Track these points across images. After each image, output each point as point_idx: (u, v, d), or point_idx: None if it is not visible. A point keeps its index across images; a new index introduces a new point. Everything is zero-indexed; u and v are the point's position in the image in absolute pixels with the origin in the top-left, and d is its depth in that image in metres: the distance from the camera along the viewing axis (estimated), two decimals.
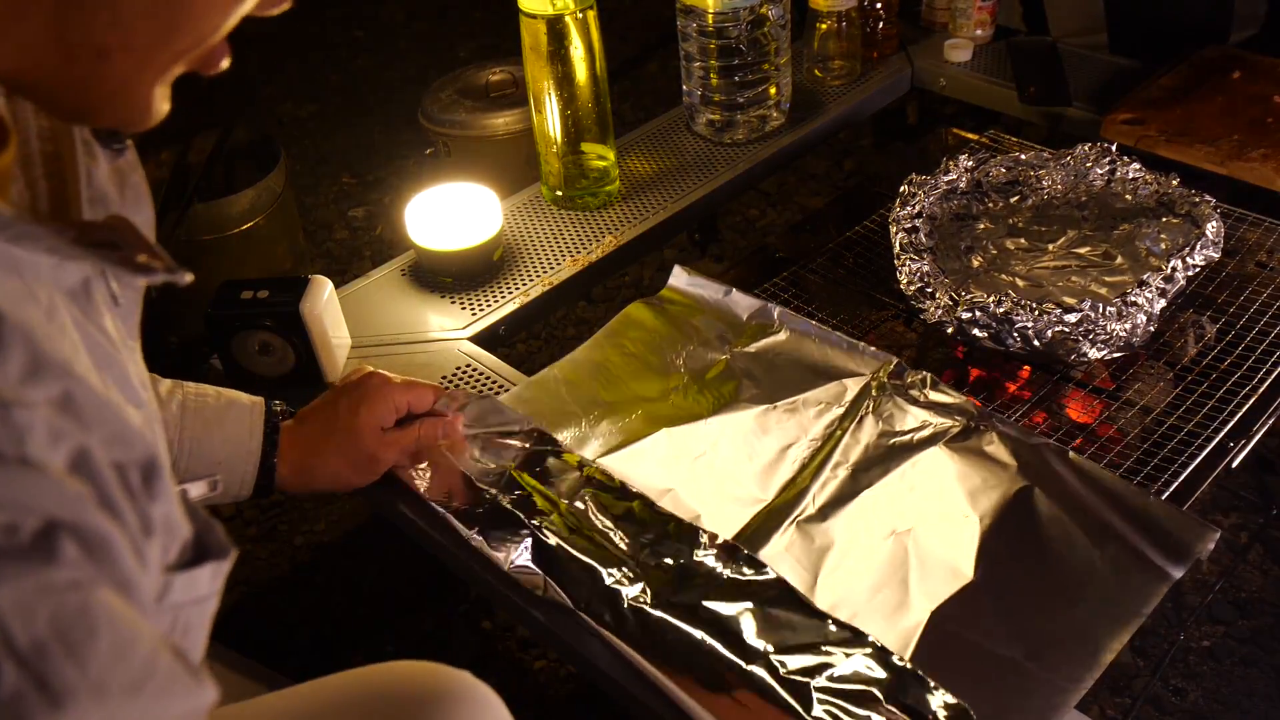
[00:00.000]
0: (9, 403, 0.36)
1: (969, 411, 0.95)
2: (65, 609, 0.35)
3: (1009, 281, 1.13)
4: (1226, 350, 1.03)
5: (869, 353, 1.02)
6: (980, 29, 1.55)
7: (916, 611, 0.80)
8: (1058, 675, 0.75)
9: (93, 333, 0.46)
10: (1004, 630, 0.79)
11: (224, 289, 1.03)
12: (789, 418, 0.98)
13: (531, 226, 1.27)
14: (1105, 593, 0.81)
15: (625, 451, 0.95)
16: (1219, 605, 1.32)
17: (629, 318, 1.11)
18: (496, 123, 1.73)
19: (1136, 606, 0.79)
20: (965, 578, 0.82)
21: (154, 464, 0.43)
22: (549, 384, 1.03)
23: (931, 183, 1.17)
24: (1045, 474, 0.89)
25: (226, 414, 0.84)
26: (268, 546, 1.51)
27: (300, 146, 2.43)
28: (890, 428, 0.95)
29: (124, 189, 0.53)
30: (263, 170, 1.75)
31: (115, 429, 0.41)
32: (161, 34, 0.41)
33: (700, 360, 1.05)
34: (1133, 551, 0.83)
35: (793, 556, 0.85)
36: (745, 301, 1.10)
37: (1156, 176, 1.17)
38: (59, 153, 0.50)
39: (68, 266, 0.44)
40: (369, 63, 2.77)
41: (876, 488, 0.90)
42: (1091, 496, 0.87)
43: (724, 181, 1.33)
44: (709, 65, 1.33)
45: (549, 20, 1.15)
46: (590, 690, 1.28)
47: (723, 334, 1.08)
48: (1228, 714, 1.22)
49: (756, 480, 0.92)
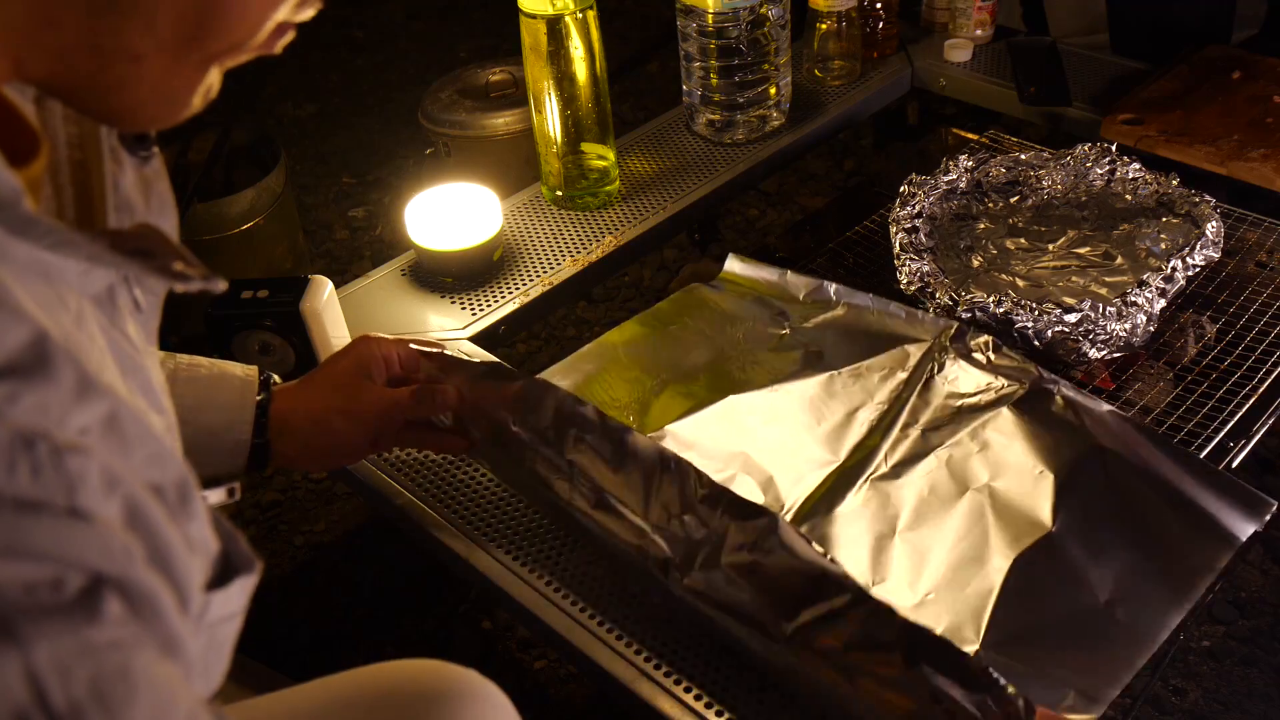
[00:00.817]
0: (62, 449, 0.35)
1: (1032, 374, 0.96)
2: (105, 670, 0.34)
3: (1009, 281, 1.13)
4: (1226, 350, 1.03)
5: (928, 320, 1.03)
6: (980, 29, 1.55)
7: (998, 561, 0.81)
8: (1139, 621, 0.77)
9: (118, 339, 0.45)
10: (1084, 578, 0.80)
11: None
12: (854, 383, 0.99)
13: (531, 226, 1.27)
14: (1179, 545, 0.83)
15: (694, 417, 0.95)
16: (1219, 605, 1.32)
17: (687, 297, 1.12)
18: (496, 123, 1.73)
19: (1208, 563, 0.82)
20: (1044, 528, 0.84)
21: (186, 481, 0.42)
22: (608, 351, 1.04)
23: (931, 183, 1.17)
24: (1113, 436, 0.91)
25: (219, 384, 0.81)
26: (268, 546, 1.51)
27: (300, 146, 2.43)
28: (956, 389, 0.97)
29: (149, 197, 0.53)
30: (263, 170, 1.75)
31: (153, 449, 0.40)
32: (194, 37, 0.42)
33: (761, 335, 1.06)
34: (1201, 512, 0.85)
35: (870, 513, 0.86)
36: (800, 280, 1.11)
37: (1156, 176, 1.17)
38: (85, 160, 0.50)
39: (94, 273, 0.43)
40: (369, 63, 2.77)
41: (948, 446, 0.91)
42: (1159, 459, 0.88)
43: (724, 181, 1.33)
44: (709, 65, 1.33)
45: (549, 20, 1.15)
46: (590, 690, 1.28)
47: (782, 311, 1.09)
48: (1228, 714, 1.22)
49: (826, 443, 0.93)
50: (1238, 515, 0.84)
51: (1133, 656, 0.75)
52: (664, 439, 0.93)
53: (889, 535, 0.84)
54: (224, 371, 0.82)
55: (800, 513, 0.86)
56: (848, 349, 1.03)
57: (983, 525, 0.84)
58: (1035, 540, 0.83)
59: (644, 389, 0.99)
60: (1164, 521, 0.85)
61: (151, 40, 0.41)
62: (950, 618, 0.78)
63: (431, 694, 0.69)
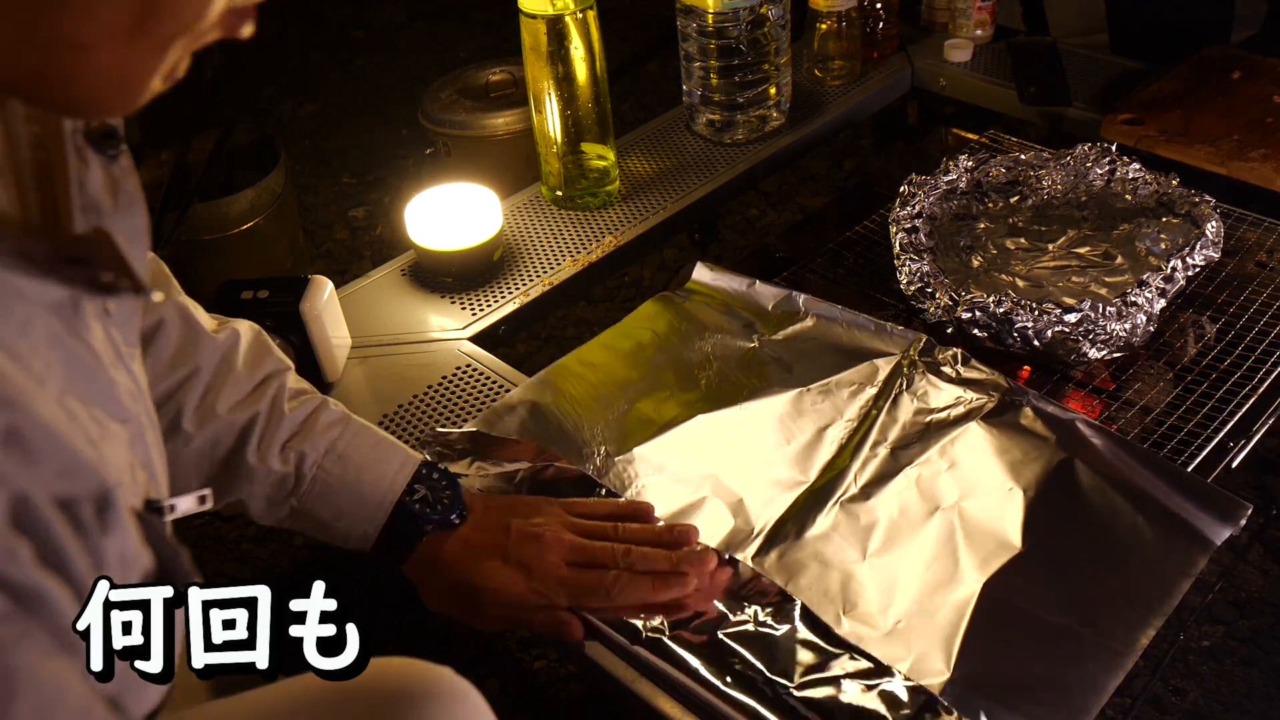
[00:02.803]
0: None
1: (1001, 386, 0.96)
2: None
3: (1009, 281, 1.13)
4: (1226, 350, 1.03)
5: (897, 332, 1.03)
6: (980, 29, 1.55)
7: (968, 584, 0.81)
8: (1112, 640, 0.76)
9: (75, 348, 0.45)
10: (1056, 598, 0.80)
11: (224, 289, 1.03)
12: (823, 399, 0.98)
13: (531, 226, 1.27)
14: (1151, 557, 0.82)
15: (663, 438, 0.95)
16: (1219, 605, 1.32)
17: (652, 310, 1.11)
18: (496, 123, 1.73)
19: (1183, 569, 0.81)
20: (1014, 548, 0.83)
21: (107, 495, 0.41)
22: (574, 371, 1.03)
23: (931, 183, 1.17)
24: (1082, 446, 0.90)
25: (367, 470, 0.80)
26: (268, 546, 1.51)
27: (300, 146, 2.43)
28: (925, 405, 0.96)
29: (117, 196, 0.52)
30: (263, 170, 1.75)
31: (65, 461, 0.40)
32: (141, 22, 0.41)
33: (729, 349, 1.05)
34: (1174, 517, 0.84)
35: (839, 536, 0.85)
36: (769, 291, 1.10)
37: (1156, 176, 1.17)
38: (50, 161, 0.49)
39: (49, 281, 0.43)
40: (369, 63, 2.77)
41: (917, 464, 0.90)
42: (1130, 466, 0.88)
43: (724, 181, 1.33)
44: (709, 65, 1.33)
45: (549, 20, 1.15)
46: (590, 691, 1.28)
47: (749, 324, 1.08)
48: (1228, 714, 1.22)
49: (796, 462, 0.92)
50: (1211, 519, 0.84)
51: (1107, 677, 0.74)
52: (633, 463, 0.92)
53: (859, 560, 0.83)
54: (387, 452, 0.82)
55: (770, 536, 0.85)
56: (817, 363, 1.02)
57: (952, 548, 0.83)
58: (1005, 562, 0.82)
59: (614, 410, 0.98)
60: (1136, 531, 0.84)
61: (95, 28, 0.40)
62: (921, 646, 0.76)
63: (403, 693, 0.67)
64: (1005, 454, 0.91)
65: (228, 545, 1.53)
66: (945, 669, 0.75)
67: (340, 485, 0.79)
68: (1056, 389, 1.03)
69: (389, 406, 1.03)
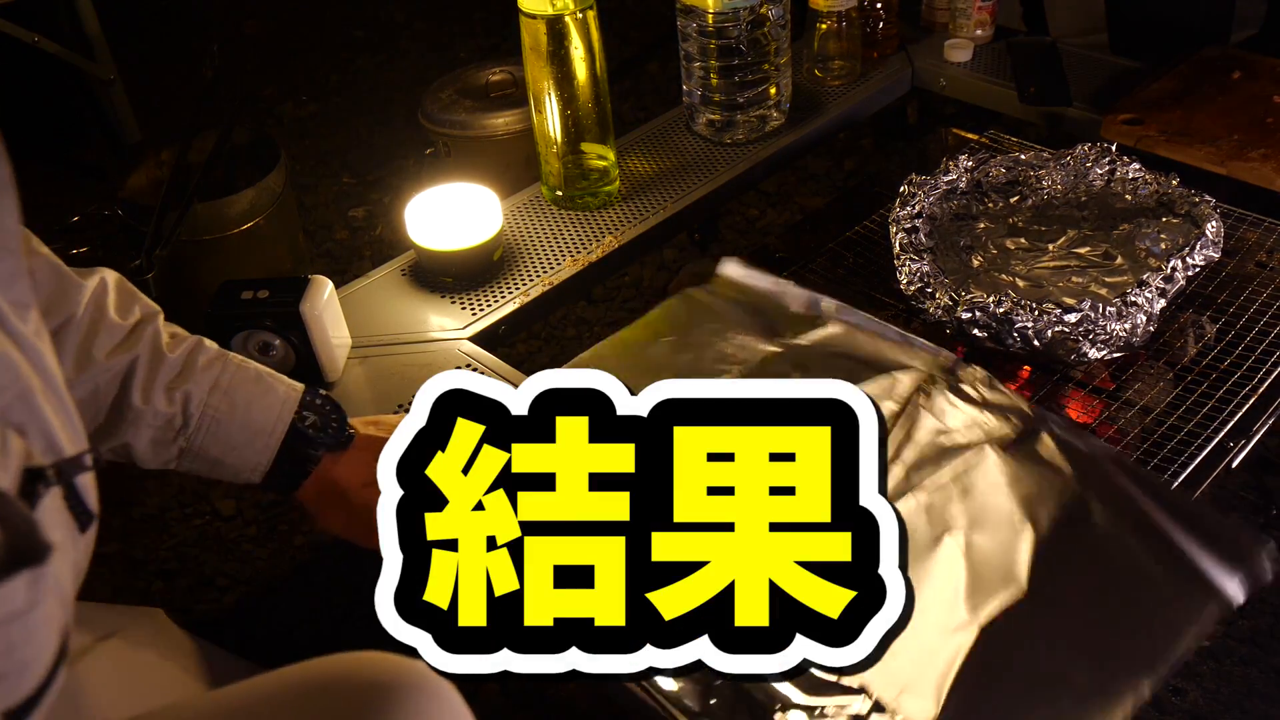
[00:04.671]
0: None
1: (1024, 413, 0.93)
2: None
3: (1009, 281, 1.13)
4: (1226, 350, 1.03)
5: (922, 346, 1.01)
6: (980, 29, 1.55)
7: (967, 622, 0.78)
8: (1112, 689, 0.74)
9: None
10: (1055, 645, 0.77)
11: (224, 289, 1.03)
12: None
13: (531, 226, 1.27)
14: (1163, 610, 0.79)
15: None
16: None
17: (678, 304, 1.09)
18: (496, 123, 1.73)
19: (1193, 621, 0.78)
20: (1019, 587, 0.80)
21: None
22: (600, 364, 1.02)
23: (931, 183, 1.17)
24: (1102, 483, 0.87)
25: (254, 401, 0.82)
26: (268, 546, 1.51)
27: (300, 146, 2.43)
28: (944, 425, 0.94)
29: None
30: (263, 170, 1.75)
31: None
32: None
33: (751, 350, 1.04)
34: (1192, 568, 0.81)
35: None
36: (796, 293, 1.08)
37: (1156, 176, 1.17)
38: None
39: None
40: (369, 63, 2.77)
41: (929, 489, 0.88)
42: (1150, 509, 0.85)
43: (724, 181, 1.33)
44: (709, 65, 1.33)
45: (549, 20, 1.15)
46: (590, 690, 1.28)
47: (774, 325, 1.06)
48: (1228, 714, 1.22)
49: None
50: (1232, 572, 0.80)
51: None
52: None
53: None
54: (269, 386, 0.83)
55: None
56: (837, 372, 0.99)
57: (955, 582, 0.81)
58: (1007, 602, 0.80)
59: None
60: (1149, 580, 0.81)
61: None
62: (911, 681, 0.75)
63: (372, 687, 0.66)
64: (1019, 486, 0.88)
65: (228, 545, 1.53)
66: (934, 709, 0.74)
67: (229, 419, 0.80)
68: (1056, 389, 1.03)
69: (389, 406, 1.03)
